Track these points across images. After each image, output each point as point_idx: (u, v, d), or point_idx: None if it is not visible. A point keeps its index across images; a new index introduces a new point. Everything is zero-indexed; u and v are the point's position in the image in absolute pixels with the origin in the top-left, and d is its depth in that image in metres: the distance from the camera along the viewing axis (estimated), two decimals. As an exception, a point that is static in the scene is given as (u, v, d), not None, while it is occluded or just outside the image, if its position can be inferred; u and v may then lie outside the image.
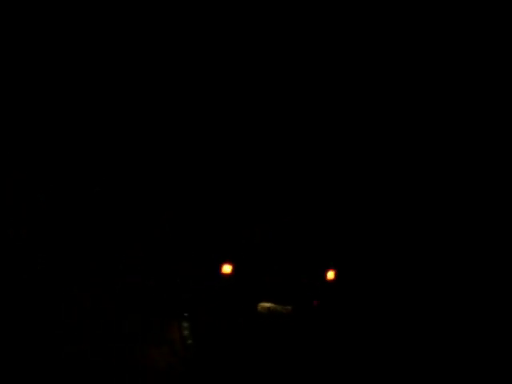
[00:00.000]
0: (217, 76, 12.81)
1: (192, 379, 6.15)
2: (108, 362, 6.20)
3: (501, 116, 12.27)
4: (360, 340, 7.97)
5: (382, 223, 12.23)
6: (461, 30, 12.33)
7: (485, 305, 9.73)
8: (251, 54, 12.78)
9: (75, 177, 12.28)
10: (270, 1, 12.58)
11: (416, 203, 12.39)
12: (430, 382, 6.44)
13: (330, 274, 8.86)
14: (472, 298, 10.42)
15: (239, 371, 6.46)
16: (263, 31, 12.65)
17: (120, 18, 12.36)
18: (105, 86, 12.56)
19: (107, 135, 12.61)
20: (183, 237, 10.73)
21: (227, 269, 8.68)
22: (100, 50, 12.42)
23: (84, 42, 12.34)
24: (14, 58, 12.03)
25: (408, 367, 6.94)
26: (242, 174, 12.31)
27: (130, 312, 8.29)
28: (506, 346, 7.63)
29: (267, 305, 8.69)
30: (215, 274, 8.87)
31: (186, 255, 10.68)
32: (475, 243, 11.73)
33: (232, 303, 8.67)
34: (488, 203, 12.03)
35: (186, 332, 7.56)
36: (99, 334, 7.16)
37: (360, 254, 11.35)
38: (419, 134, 12.63)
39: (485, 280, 10.87)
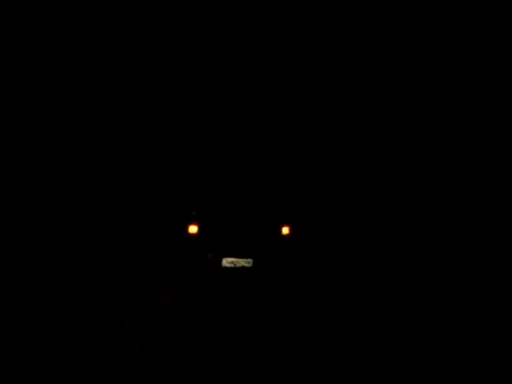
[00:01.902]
0: (217, 76, 12.82)
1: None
2: (108, 362, 6.20)
3: (501, 116, 12.28)
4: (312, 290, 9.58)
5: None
6: (461, 30, 12.33)
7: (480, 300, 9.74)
8: (251, 54, 12.78)
9: (75, 177, 12.28)
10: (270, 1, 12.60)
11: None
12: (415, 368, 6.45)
13: (285, 230, 10.22)
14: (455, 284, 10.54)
15: (206, 319, 7.61)
16: (263, 31, 12.66)
17: (120, 17, 12.36)
18: (105, 86, 12.56)
19: (107, 135, 12.61)
20: (183, 236, 10.74)
21: (193, 229, 10.02)
22: (100, 50, 12.43)
23: (84, 42, 12.34)
24: (14, 57, 12.03)
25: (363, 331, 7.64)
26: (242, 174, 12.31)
27: (129, 312, 8.29)
28: (506, 346, 7.64)
29: (230, 258, 9.90)
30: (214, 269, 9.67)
31: (186, 255, 10.68)
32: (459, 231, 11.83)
33: (199, 259, 9.98)
34: (488, 203, 12.03)
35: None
36: (99, 333, 7.15)
37: (313, 213, 11.93)
38: (416, 132, 12.65)
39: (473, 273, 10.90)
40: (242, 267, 9.86)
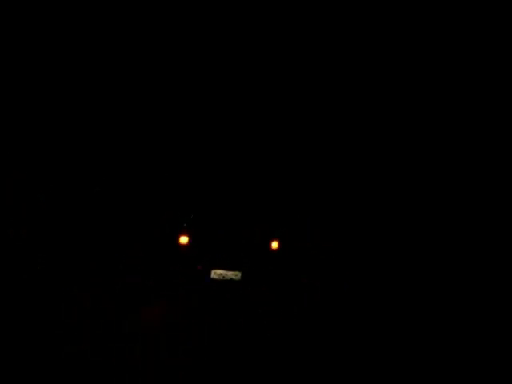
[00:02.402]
0: (217, 76, 12.82)
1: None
2: (108, 362, 6.20)
3: (501, 116, 12.28)
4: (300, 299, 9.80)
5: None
6: (461, 30, 12.33)
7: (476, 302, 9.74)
8: (251, 54, 12.79)
9: (75, 177, 12.28)
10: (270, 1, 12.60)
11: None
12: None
13: (274, 244, 10.26)
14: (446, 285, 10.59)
15: (196, 328, 7.65)
16: (263, 31, 12.66)
17: (120, 18, 12.37)
18: (104, 86, 12.57)
19: (107, 135, 12.62)
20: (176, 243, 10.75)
21: (184, 240, 10.07)
22: (100, 50, 12.43)
23: (84, 42, 12.34)
24: (14, 57, 12.03)
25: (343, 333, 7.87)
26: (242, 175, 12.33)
27: (129, 312, 8.29)
28: (506, 346, 7.64)
29: (220, 271, 9.90)
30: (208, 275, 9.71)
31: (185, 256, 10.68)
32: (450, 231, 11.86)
33: (189, 270, 10.03)
34: (487, 203, 12.03)
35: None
36: (99, 333, 7.16)
37: (300, 227, 11.99)
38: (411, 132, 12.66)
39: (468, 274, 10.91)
40: (231, 280, 9.90)
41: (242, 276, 9.94)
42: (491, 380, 6.49)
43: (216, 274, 9.94)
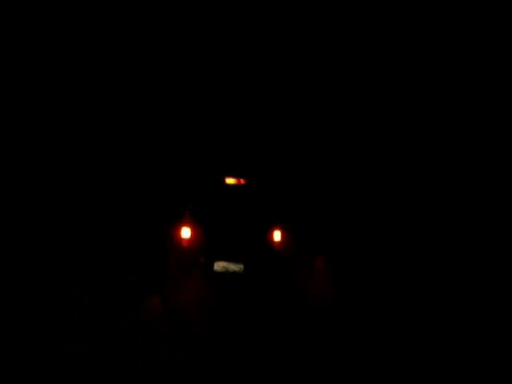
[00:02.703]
0: (214, 75, 12.83)
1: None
2: (108, 362, 6.20)
3: (501, 116, 12.28)
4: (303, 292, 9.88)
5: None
6: (461, 29, 12.34)
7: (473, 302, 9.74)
8: (251, 55, 12.80)
9: (75, 177, 12.29)
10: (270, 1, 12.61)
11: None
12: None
13: (277, 235, 10.12)
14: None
15: (199, 320, 7.78)
16: (263, 31, 12.67)
17: (120, 18, 12.38)
18: (104, 86, 12.57)
19: (107, 135, 12.62)
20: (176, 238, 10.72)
21: (187, 232, 9.91)
22: (99, 50, 12.44)
23: (84, 42, 12.35)
24: (14, 58, 12.04)
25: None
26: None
27: (129, 312, 8.29)
28: (506, 346, 7.64)
29: (222, 263, 9.81)
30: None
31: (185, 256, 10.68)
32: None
33: (192, 263, 9.91)
34: (486, 203, 12.04)
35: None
36: (99, 334, 7.16)
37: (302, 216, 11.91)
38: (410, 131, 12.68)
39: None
40: (234, 272, 9.83)
41: (244, 268, 9.89)
42: (491, 380, 6.49)
43: (219, 266, 9.89)
